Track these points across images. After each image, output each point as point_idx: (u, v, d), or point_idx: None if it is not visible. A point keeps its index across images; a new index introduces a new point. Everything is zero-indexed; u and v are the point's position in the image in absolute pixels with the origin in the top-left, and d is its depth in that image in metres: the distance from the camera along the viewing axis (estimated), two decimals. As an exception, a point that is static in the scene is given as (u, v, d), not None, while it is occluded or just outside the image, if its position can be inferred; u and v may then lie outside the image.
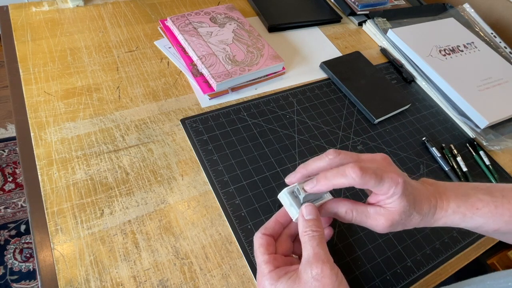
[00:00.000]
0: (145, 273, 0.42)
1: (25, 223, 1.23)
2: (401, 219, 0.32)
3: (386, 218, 0.32)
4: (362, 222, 0.34)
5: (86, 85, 0.58)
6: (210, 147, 0.55)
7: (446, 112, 0.72)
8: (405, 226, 0.34)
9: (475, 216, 0.34)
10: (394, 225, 0.33)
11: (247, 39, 0.68)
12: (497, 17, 0.96)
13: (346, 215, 0.34)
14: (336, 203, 0.34)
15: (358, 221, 0.34)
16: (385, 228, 0.33)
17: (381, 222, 0.32)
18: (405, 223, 0.33)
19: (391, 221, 0.32)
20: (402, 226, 0.34)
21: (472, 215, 0.34)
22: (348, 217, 0.34)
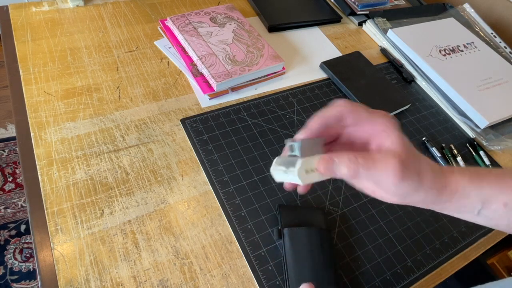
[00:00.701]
0: (145, 273, 0.42)
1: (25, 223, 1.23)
2: (408, 157, 0.29)
3: (393, 155, 0.28)
4: (370, 168, 0.28)
5: (86, 85, 0.58)
6: (210, 147, 0.55)
7: (446, 112, 0.72)
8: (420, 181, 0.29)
9: (482, 183, 0.31)
10: (407, 169, 0.28)
11: (247, 39, 0.68)
12: (497, 17, 0.96)
13: (350, 163, 0.28)
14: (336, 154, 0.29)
15: (365, 168, 0.28)
16: (398, 175, 0.28)
17: (393, 165, 0.28)
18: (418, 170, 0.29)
19: (401, 161, 0.28)
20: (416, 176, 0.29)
21: (479, 181, 0.31)
22: (353, 165, 0.28)
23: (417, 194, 0.30)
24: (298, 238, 0.46)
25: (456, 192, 0.31)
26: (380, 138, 0.31)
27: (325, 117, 0.31)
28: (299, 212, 0.50)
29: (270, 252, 0.46)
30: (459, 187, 0.31)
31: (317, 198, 0.53)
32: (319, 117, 0.31)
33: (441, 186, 0.31)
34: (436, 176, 0.31)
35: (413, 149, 0.31)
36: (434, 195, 0.31)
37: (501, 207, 0.31)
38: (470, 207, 0.32)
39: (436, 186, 0.31)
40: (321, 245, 0.46)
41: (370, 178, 0.29)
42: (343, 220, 0.52)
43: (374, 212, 0.53)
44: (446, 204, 0.32)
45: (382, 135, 0.30)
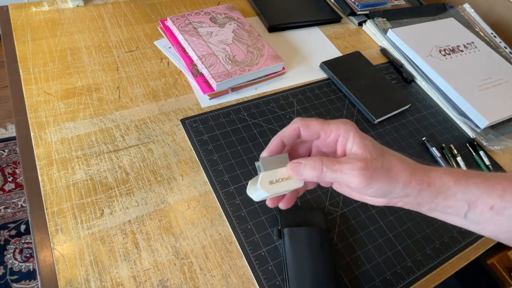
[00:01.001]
0: (145, 273, 0.42)
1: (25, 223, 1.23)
2: (373, 157, 0.30)
3: (357, 158, 0.29)
4: (335, 170, 0.30)
5: (86, 85, 0.58)
6: (210, 147, 0.55)
7: (446, 112, 0.72)
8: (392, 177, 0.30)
9: (469, 183, 0.31)
10: (371, 167, 0.29)
11: (247, 39, 0.68)
12: (497, 17, 0.96)
13: (315, 164, 0.30)
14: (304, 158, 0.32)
15: (331, 169, 0.30)
16: (363, 174, 0.29)
17: (356, 165, 0.29)
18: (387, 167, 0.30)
19: (363, 160, 0.29)
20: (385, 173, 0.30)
21: (465, 182, 0.31)
22: (318, 166, 0.30)
23: (397, 192, 0.31)
24: (298, 238, 0.46)
25: (441, 190, 0.31)
26: (341, 144, 0.32)
27: (280, 136, 0.33)
28: (299, 212, 0.50)
29: (270, 252, 0.46)
30: (443, 185, 0.31)
31: (317, 198, 0.53)
32: (276, 136, 0.33)
33: (424, 183, 0.31)
34: (413, 172, 0.31)
35: (379, 148, 0.31)
36: (416, 192, 0.31)
37: (487, 210, 0.31)
38: (456, 209, 0.32)
39: (416, 182, 0.31)
40: (321, 245, 0.46)
41: (339, 181, 0.30)
42: (343, 220, 0.52)
43: (374, 212, 0.53)
44: (432, 204, 0.32)
45: (342, 140, 0.32)
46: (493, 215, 0.31)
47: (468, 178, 0.32)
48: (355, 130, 0.31)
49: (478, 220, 0.32)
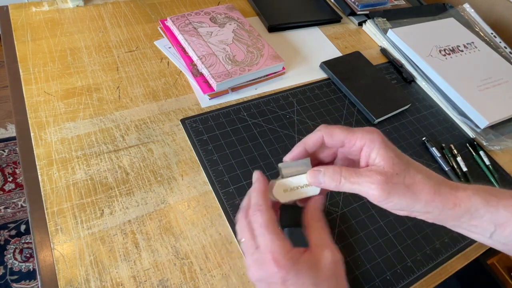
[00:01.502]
0: (145, 273, 0.42)
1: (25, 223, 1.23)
2: (396, 172, 0.29)
3: (378, 172, 0.29)
4: (353, 183, 0.30)
5: (86, 85, 0.58)
6: (210, 147, 0.55)
7: (446, 112, 0.72)
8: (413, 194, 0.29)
9: (498, 206, 0.30)
10: (391, 182, 0.29)
11: (247, 39, 0.68)
12: (497, 17, 0.96)
13: (334, 174, 0.30)
14: (324, 166, 0.32)
15: (349, 181, 0.30)
16: (382, 188, 0.28)
17: (376, 179, 0.28)
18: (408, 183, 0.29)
19: (384, 174, 0.29)
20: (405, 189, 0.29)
21: (495, 204, 0.30)
22: (336, 177, 0.30)
23: (417, 208, 0.30)
24: (298, 238, 0.46)
25: (468, 211, 0.30)
26: (365, 153, 0.31)
27: (304, 143, 0.33)
28: (299, 212, 0.50)
29: (270, 252, 0.46)
30: (472, 207, 0.30)
31: (317, 198, 0.53)
32: (300, 143, 0.33)
33: (449, 203, 0.30)
34: (438, 191, 0.30)
35: (403, 161, 0.30)
36: (438, 210, 0.30)
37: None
38: (482, 229, 0.31)
39: (440, 202, 0.30)
40: None
41: (357, 192, 0.30)
42: (343, 220, 0.52)
43: (374, 212, 0.53)
44: (457, 222, 0.31)
45: (366, 150, 0.31)
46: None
47: (499, 199, 0.31)
48: (381, 140, 0.30)
49: (505, 242, 0.31)
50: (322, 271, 0.29)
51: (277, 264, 0.28)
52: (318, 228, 0.32)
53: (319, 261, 0.30)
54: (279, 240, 0.29)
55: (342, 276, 0.30)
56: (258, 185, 0.32)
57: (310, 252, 0.30)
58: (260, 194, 0.32)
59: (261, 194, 0.32)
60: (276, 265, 0.28)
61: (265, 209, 0.31)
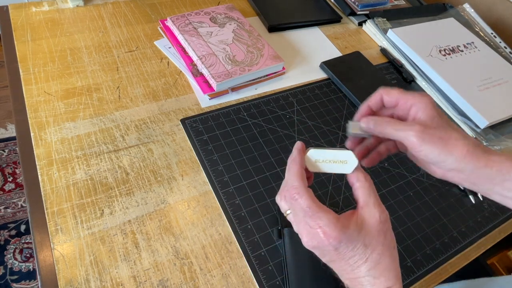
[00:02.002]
0: (145, 273, 0.42)
1: (25, 223, 1.23)
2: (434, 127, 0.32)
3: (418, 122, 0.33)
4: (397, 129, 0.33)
5: (86, 85, 0.58)
6: (210, 147, 0.55)
7: (446, 112, 0.72)
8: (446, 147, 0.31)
9: None
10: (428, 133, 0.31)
11: (247, 39, 0.68)
12: (497, 17, 0.96)
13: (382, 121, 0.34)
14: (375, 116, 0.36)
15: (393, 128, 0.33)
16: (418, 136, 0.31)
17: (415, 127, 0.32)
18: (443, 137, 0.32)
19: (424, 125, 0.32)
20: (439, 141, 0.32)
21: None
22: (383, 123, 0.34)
23: (449, 163, 0.32)
24: (298, 238, 0.46)
25: (500, 173, 0.32)
26: (413, 112, 0.35)
27: (367, 102, 0.38)
28: None
29: (270, 252, 0.46)
30: (503, 168, 0.32)
31: (317, 198, 0.53)
32: (364, 103, 0.38)
33: (480, 162, 0.32)
34: (472, 150, 0.32)
35: (445, 121, 0.33)
36: (470, 168, 0.32)
37: None
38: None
39: (472, 159, 0.32)
40: None
41: (398, 138, 0.33)
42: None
43: (374, 212, 0.53)
44: (490, 185, 0.33)
45: (414, 109, 0.34)
46: None
47: None
48: (429, 101, 0.34)
49: None
50: (370, 230, 0.32)
51: (328, 237, 0.30)
52: (364, 188, 0.34)
53: (366, 221, 0.32)
54: (324, 215, 0.31)
55: (389, 232, 0.33)
56: (294, 166, 0.34)
57: (357, 214, 0.33)
58: (294, 176, 0.33)
59: (296, 175, 0.33)
60: (326, 238, 0.30)
61: (303, 191, 0.32)
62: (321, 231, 0.30)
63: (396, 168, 0.60)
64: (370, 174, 0.58)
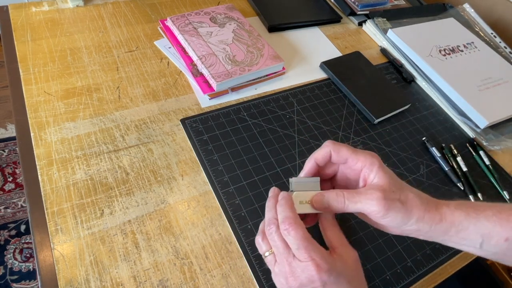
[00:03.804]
0: (145, 273, 0.42)
1: (25, 223, 1.23)
2: (392, 190, 0.32)
3: (377, 189, 0.32)
4: (356, 202, 0.33)
5: (86, 85, 0.58)
6: (210, 147, 0.55)
7: (446, 112, 0.72)
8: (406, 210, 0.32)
9: (480, 217, 0.33)
10: (389, 199, 0.31)
11: (247, 39, 0.68)
12: (497, 17, 0.96)
13: (338, 197, 0.33)
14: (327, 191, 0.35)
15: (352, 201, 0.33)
16: (381, 204, 0.31)
17: (375, 195, 0.32)
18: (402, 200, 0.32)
19: (383, 191, 0.32)
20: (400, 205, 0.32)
21: (476, 215, 0.33)
22: (340, 200, 0.33)
23: (410, 224, 0.33)
24: None
25: (453, 225, 0.33)
26: (364, 174, 0.34)
27: (314, 158, 0.37)
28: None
29: (270, 252, 0.46)
30: (455, 220, 0.33)
31: (317, 198, 0.53)
32: (310, 158, 0.37)
33: (436, 219, 0.33)
34: (427, 208, 0.33)
35: (398, 181, 0.34)
36: (428, 227, 0.33)
37: (502, 241, 0.32)
38: (470, 241, 0.33)
39: (429, 218, 0.33)
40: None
41: (360, 210, 0.33)
42: (343, 220, 0.52)
43: (374, 212, 0.53)
44: (446, 237, 0.34)
45: (365, 171, 0.34)
46: (510, 245, 0.32)
47: (479, 212, 0.33)
48: (379, 163, 0.34)
49: (495, 251, 0.33)
50: (350, 268, 0.33)
51: (320, 269, 0.30)
52: (336, 231, 0.35)
53: (346, 260, 0.33)
54: (317, 248, 0.32)
55: (361, 270, 0.34)
56: (285, 201, 0.34)
57: (337, 253, 0.33)
58: (289, 208, 0.34)
59: (290, 208, 0.34)
60: (318, 271, 0.30)
61: (298, 222, 0.33)
62: (313, 264, 0.30)
63: (396, 168, 0.60)
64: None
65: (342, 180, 0.38)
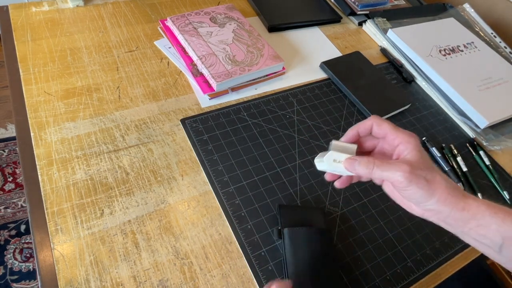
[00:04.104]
0: (145, 273, 0.42)
1: (25, 223, 1.23)
2: (420, 168, 0.33)
3: (405, 162, 0.33)
4: (384, 169, 0.33)
5: (86, 85, 0.58)
6: (210, 147, 0.55)
7: (446, 112, 0.72)
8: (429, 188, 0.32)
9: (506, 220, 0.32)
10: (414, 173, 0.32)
11: (247, 39, 0.68)
12: (497, 17, 0.96)
13: (368, 163, 0.34)
14: (359, 156, 0.36)
15: (380, 168, 0.34)
16: (405, 175, 0.32)
17: (402, 167, 0.32)
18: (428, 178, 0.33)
19: (410, 165, 0.32)
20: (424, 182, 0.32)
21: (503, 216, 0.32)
22: (370, 165, 0.34)
23: (431, 203, 0.33)
24: (298, 238, 0.46)
25: (474, 217, 0.32)
26: (399, 150, 0.35)
27: (356, 128, 0.38)
28: (299, 212, 0.50)
29: (270, 252, 0.46)
30: (478, 213, 0.32)
31: (317, 198, 0.53)
32: (353, 127, 0.38)
33: (458, 205, 0.33)
34: (451, 193, 0.33)
35: (429, 162, 0.34)
36: (448, 210, 0.33)
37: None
38: (490, 240, 0.32)
39: (450, 202, 0.33)
40: (321, 245, 0.46)
41: (385, 178, 0.34)
42: (343, 220, 0.52)
43: (374, 212, 0.53)
44: (465, 228, 0.33)
45: (401, 147, 0.35)
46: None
47: (506, 212, 0.32)
48: (415, 143, 0.35)
49: None
50: None
51: None
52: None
53: None
54: None
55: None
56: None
57: None
58: None
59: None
60: None
61: None
62: None
63: (396, 168, 0.60)
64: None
65: (379, 154, 0.39)
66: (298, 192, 0.53)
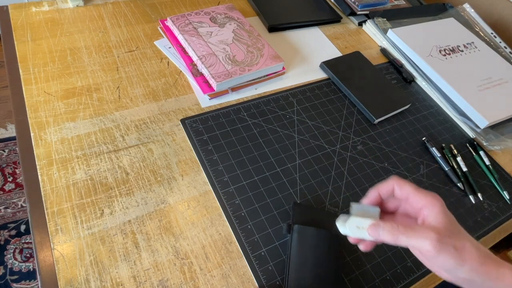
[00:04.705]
0: (145, 273, 0.42)
1: (25, 223, 1.23)
2: (448, 235, 0.32)
3: (432, 230, 0.32)
4: (410, 237, 0.32)
5: (86, 85, 0.58)
6: (210, 147, 0.55)
7: (446, 112, 0.72)
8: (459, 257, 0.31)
9: None
10: (443, 242, 0.31)
11: (247, 39, 0.68)
12: (497, 17, 0.96)
13: (393, 229, 0.33)
14: (383, 221, 0.35)
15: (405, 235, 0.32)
16: (433, 244, 0.31)
17: (430, 235, 0.31)
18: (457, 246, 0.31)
19: (438, 233, 0.31)
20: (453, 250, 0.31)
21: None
22: (394, 232, 0.33)
23: (462, 272, 0.32)
24: (306, 237, 0.46)
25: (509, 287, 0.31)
26: (424, 214, 0.34)
27: (378, 189, 0.37)
28: (312, 213, 0.50)
29: (270, 252, 0.46)
30: None
31: (317, 198, 0.53)
32: (374, 188, 0.37)
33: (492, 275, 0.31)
34: (484, 262, 0.32)
35: (457, 227, 0.33)
36: (481, 279, 0.32)
37: None
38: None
39: (484, 272, 0.31)
40: (327, 248, 0.46)
41: (412, 246, 0.33)
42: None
43: (374, 212, 0.53)
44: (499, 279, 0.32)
45: (426, 211, 0.34)
46: None
47: None
48: (441, 205, 0.33)
49: None
50: None
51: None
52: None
53: None
54: None
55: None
56: None
57: None
58: None
59: None
60: None
61: None
62: None
63: (396, 168, 0.60)
64: (371, 174, 0.58)
65: (402, 217, 0.38)
66: (298, 192, 0.53)
